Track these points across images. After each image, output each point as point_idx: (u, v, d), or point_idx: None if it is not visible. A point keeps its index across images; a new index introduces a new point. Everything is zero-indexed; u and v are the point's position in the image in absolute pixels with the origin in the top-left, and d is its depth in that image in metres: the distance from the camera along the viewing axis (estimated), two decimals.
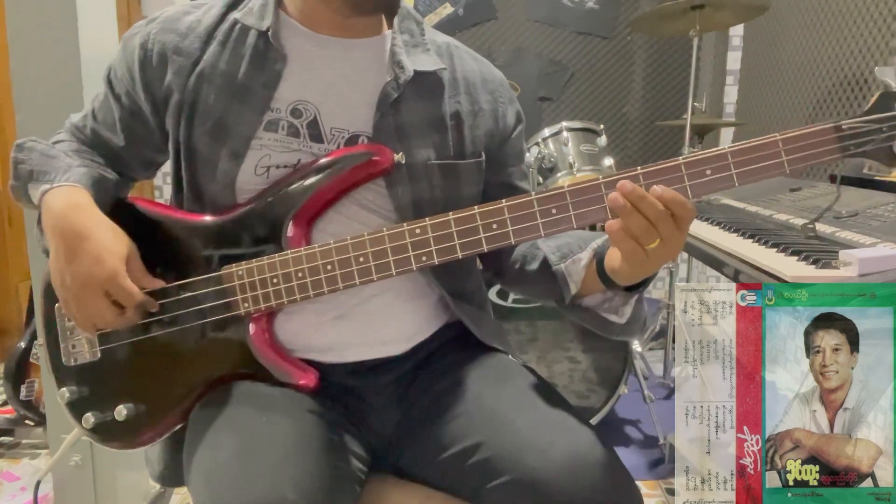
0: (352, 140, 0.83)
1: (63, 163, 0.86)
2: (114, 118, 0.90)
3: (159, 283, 0.83)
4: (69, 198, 0.81)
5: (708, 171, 0.69)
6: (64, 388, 0.88)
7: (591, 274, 0.81)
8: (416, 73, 0.84)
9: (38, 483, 1.43)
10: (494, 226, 0.73)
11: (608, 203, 0.68)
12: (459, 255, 0.75)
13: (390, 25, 0.89)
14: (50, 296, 0.90)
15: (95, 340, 0.87)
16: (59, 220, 0.79)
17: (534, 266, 0.89)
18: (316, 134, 0.83)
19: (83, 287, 0.78)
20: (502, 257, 0.94)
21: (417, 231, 0.75)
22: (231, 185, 0.82)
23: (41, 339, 0.91)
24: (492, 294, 1.83)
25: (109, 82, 0.90)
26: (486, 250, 0.74)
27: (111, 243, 0.79)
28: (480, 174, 0.90)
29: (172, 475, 0.91)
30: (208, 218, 0.84)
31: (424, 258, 0.75)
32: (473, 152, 0.89)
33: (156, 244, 0.84)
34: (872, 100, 0.68)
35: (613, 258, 0.75)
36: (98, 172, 0.87)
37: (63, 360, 0.89)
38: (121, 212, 0.85)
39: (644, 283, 0.79)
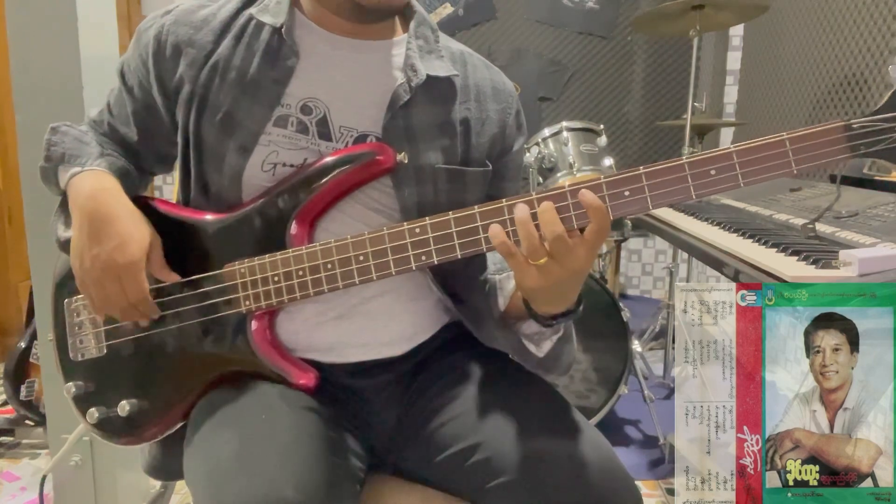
0: (360, 139, 0.83)
1: (94, 149, 0.88)
2: (127, 112, 0.91)
3: (175, 277, 0.83)
4: (99, 181, 0.83)
5: (712, 172, 0.67)
6: (70, 383, 0.89)
7: (519, 296, 0.81)
8: (429, 77, 0.84)
9: (44, 479, 1.44)
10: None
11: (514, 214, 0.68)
12: (459, 254, 0.75)
13: (405, 29, 0.89)
14: (60, 291, 0.91)
15: (102, 336, 0.87)
16: (87, 201, 0.80)
17: (481, 277, 0.90)
18: (325, 132, 0.83)
19: (102, 270, 0.78)
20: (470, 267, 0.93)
21: (417, 230, 0.75)
22: (237, 180, 0.82)
23: (50, 335, 0.92)
24: None
25: (122, 75, 0.90)
26: (484, 250, 0.74)
27: (136, 231, 0.80)
28: (486, 182, 0.90)
29: (162, 469, 0.91)
30: (213, 216, 0.84)
31: (424, 257, 0.75)
32: (479, 160, 0.89)
33: (161, 241, 0.84)
34: (885, 98, 0.65)
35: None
36: (124, 164, 0.89)
37: (70, 355, 0.89)
38: None
39: (564, 316, 0.77)
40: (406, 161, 0.82)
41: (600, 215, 0.67)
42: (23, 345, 1.90)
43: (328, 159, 0.80)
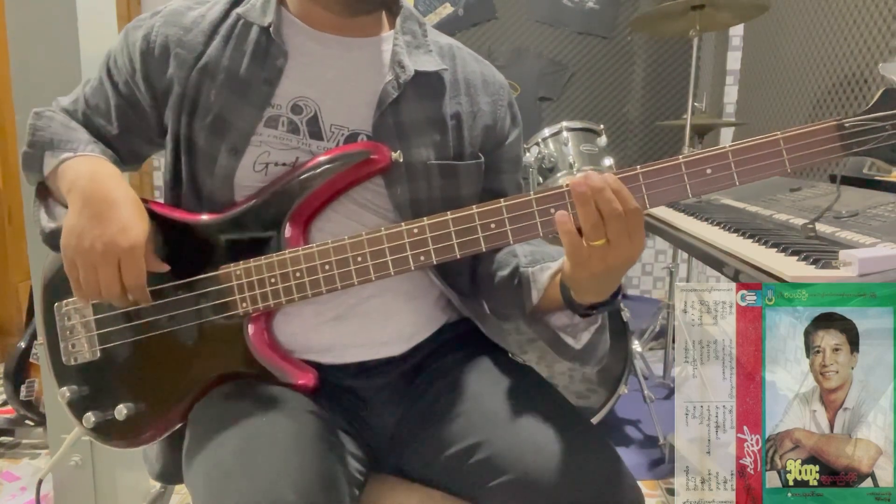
0: (351, 138, 0.83)
1: (84, 135, 0.87)
2: (108, 105, 0.89)
3: (165, 266, 0.82)
4: (99, 165, 0.82)
5: (708, 170, 0.69)
6: (64, 388, 0.88)
7: (555, 287, 0.81)
8: (417, 73, 0.84)
9: (41, 482, 1.44)
10: (493, 225, 0.73)
11: (571, 187, 0.67)
12: (458, 254, 0.75)
13: (393, 25, 0.89)
14: (50, 294, 0.90)
15: (95, 339, 0.87)
16: (89, 183, 0.79)
17: (505, 272, 0.89)
18: (316, 131, 0.83)
19: (102, 252, 0.77)
20: (480, 262, 0.93)
21: (415, 231, 0.75)
22: (229, 181, 0.82)
23: (41, 339, 0.91)
24: None
25: (108, 69, 0.89)
26: (483, 250, 0.74)
27: (138, 217, 0.79)
28: (480, 175, 0.90)
29: (171, 473, 0.91)
30: (206, 217, 0.84)
31: (422, 258, 0.75)
32: (472, 153, 0.89)
33: (155, 244, 0.84)
34: (875, 97, 0.67)
35: (566, 263, 0.74)
36: (113, 155, 0.89)
37: (63, 359, 0.88)
38: None
39: (604, 305, 0.77)
40: (401, 160, 0.82)
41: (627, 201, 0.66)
42: (23, 345, 1.90)
43: (321, 158, 0.80)
